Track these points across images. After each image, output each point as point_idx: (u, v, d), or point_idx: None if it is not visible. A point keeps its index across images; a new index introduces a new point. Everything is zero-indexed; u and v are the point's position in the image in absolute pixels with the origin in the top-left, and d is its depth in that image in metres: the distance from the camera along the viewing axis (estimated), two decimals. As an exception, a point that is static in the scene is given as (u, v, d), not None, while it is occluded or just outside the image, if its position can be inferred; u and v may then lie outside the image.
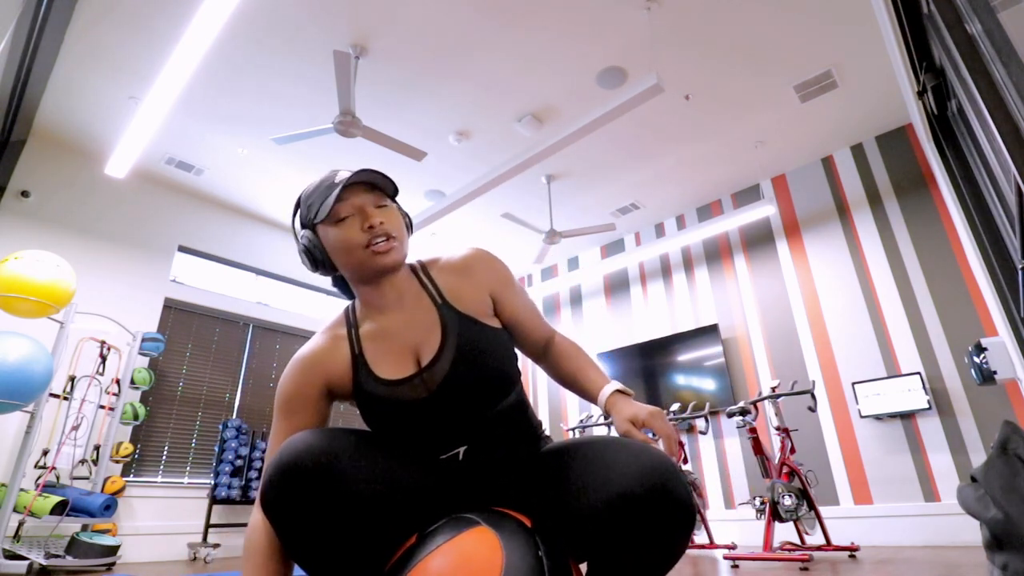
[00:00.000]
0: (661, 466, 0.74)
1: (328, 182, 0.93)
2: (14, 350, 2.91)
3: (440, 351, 0.91)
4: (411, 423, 0.90)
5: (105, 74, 3.86)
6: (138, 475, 4.43)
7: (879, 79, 4.01)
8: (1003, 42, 1.14)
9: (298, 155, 4.80)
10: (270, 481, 0.74)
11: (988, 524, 1.20)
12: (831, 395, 4.37)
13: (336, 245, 0.91)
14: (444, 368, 0.90)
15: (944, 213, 4.15)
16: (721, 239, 5.46)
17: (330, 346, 0.95)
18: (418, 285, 0.98)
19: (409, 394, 0.90)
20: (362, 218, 0.90)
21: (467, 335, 0.93)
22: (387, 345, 0.94)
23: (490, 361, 0.92)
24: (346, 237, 0.89)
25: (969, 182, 2.26)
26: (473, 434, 0.92)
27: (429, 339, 0.93)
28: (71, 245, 4.51)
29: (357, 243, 0.89)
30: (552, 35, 3.60)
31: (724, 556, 3.25)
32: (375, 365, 0.92)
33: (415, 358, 0.92)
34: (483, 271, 1.00)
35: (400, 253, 0.93)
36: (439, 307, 0.95)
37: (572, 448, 0.88)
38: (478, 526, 0.76)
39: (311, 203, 0.93)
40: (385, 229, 0.90)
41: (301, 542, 0.75)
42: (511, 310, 1.01)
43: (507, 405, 0.94)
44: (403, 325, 0.94)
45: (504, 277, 1.02)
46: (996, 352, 2.19)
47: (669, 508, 0.72)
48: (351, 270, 0.92)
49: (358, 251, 0.89)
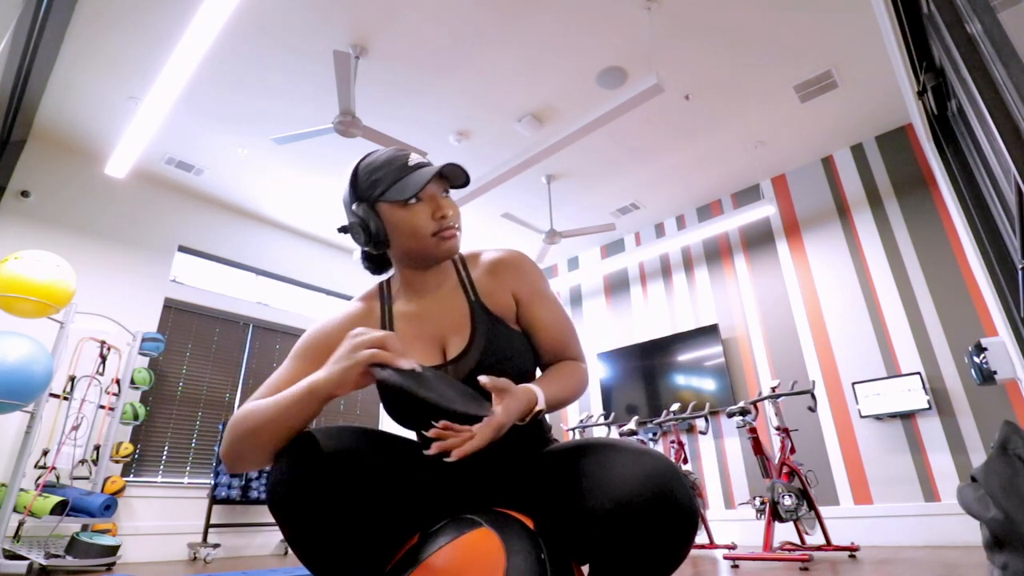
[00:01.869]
0: (664, 470, 0.74)
1: (400, 162, 0.92)
2: (14, 350, 2.91)
3: (468, 347, 0.93)
4: (428, 411, 0.90)
5: (105, 74, 3.86)
6: (138, 475, 4.43)
7: (879, 79, 4.01)
8: (1003, 42, 1.14)
9: (298, 155, 4.80)
10: (278, 481, 0.74)
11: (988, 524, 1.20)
12: (831, 395, 4.37)
13: (403, 227, 0.91)
14: (470, 364, 0.91)
15: (944, 213, 4.15)
16: (721, 239, 5.46)
17: (364, 314, 0.97)
18: (456, 277, 1.00)
19: None
20: (433, 206, 0.91)
21: (495, 336, 0.94)
22: (417, 329, 0.95)
23: (514, 364, 0.93)
24: (416, 222, 0.90)
25: (969, 182, 2.26)
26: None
27: (458, 332, 0.94)
28: (71, 245, 4.51)
29: (426, 230, 0.90)
30: (552, 35, 3.60)
31: (724, 556, 3.25)
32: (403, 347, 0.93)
33: (441, 348, 0.94)
34: (510, 273, 1.00)
35: (459, 242, 0.94)
36: (472, 303, 0.97)
37: (575, 449, 0.88)
38: (481, 527, 0.76)
39: (376, 179, 0.92)
40: (452, 220, 0.92)
41: (308, 540, 0.75)
42: (528, 318, 0.99)
43: None
44: (436, 313, 0.96)
45: (531, 282, 1.00)
46: (996, 352, 2.19)
47: (672, 513, 0.72)
48: (412, 253, 0.93)
49: (425, 237, 0.90)
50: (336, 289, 6.43)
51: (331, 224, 6.03)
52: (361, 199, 0.93)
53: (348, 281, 6.55)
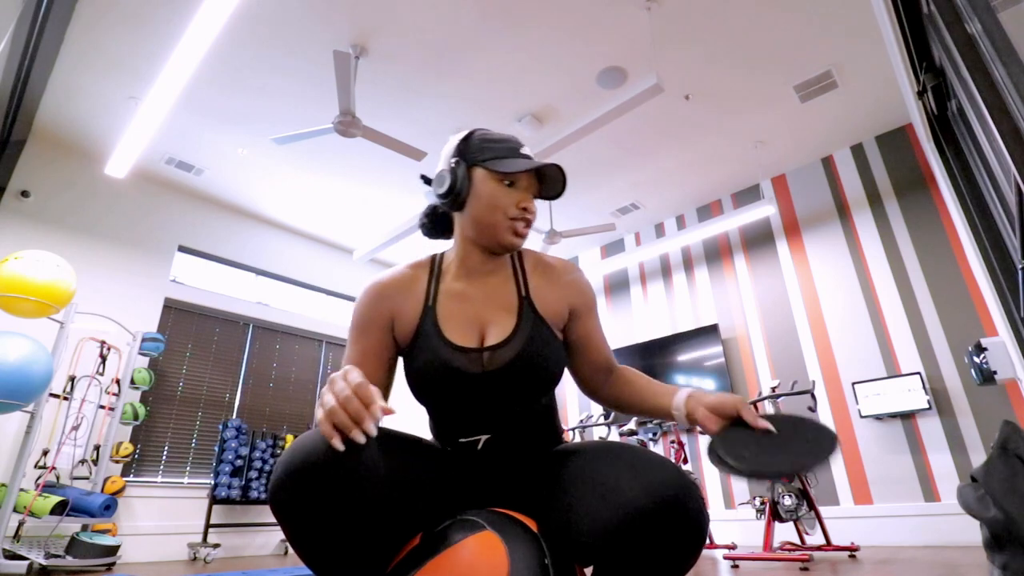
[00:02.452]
0: (675, 479, 0.73)
1: (513, 145, 0.95)
2: (14, 350, 2.91)
3: (508, 339, 0.93)
4: (453, 392, 0.91)
5: (105, 74, 3.86)
6: (138, 475, 4.43)
7: (879, 79, 4.01)
8: (1003, 42, 1.14)
9: (298, 155, 4.80)
10: (279, 482, 0.74)
11: (988, 524, 1.20)
12: (831, 395, 4.37)
13: (486, 198, 0.92)
14: (507, 356, 0.91)
15: (944, 213, 4.15)
16: (721, 239, 5.46)
17: (407, 282, 0.98)
18: (510, 270, 1.00)
19: (465, 364, 0.91)
20: (521, 197, 0.93)
21: (537, 336, 0.94)
22: (460, 308, 0.96)
23: (548, 366, 0.94)
24: (500, 199, 0.92)
25: (969, 182, 2.26)
26: (500, 426, 0.94)
27: (501, 323, 0.94)
28: (71, 245, 4.51)
29: (506, 211, 0.92)
30: (552, 35, 3.60)
31: (724, 556, 3.25)
32: (443, 323, 0.94)
33: (480, 334, 0.94)
34: (572, 286, 1.01)
35: (523, 243, 0.96)
36: (521, 299, 0.97)
37: (584, 453, 0.87)
38: (484, 530, 0.75)
39: (486, 147, 0.94)
40: (531, 220, 0.94)
41: (309, 542, 0.75)
42: (586, 330, 1.02)
43: (539, 406, 0.97)
44: (483, 298, 0.96)
45: (590, 299, 1.03)
46: (996, 352, 2.19)
47: (681, 524, 0.71)
48: (480, 226, 0.94)
49: (501, 217, 0.92)
50: (336, 289, 6.43)
51: (331, 224, 6.03)
52: (463, 157, 0.95)
53: (348, 281, 6.55)
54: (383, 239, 5.27)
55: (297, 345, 5.83)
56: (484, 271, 0.98)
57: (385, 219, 5.86)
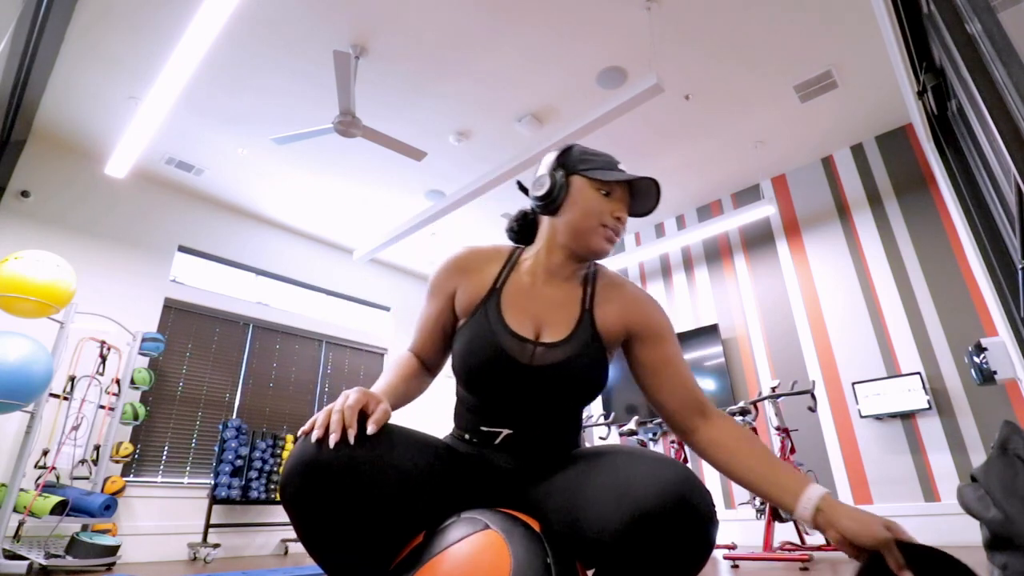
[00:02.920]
0: (685, 479, 0.72)
1: (611, 159, 0.99)
2: (14, 350, 2.91)
3: (561, 343, 0.95)
4: (494, 375, 0.93)
5: (105, 74, 3.86)
6: (138, 475, 4.43)
7: (879, 79, 4.01)
8: (1003, 42, 1.14)
9: (298, 155, 4.80)
10: (289, 476, 0.75)
11: (988, 524, 1.20)
12: (831, 395, 4.37)
13: (582, 204, 0.96)
14: (555, 357, 0.93)
15: (944, 213, 4.15)
16: (721, 239, 5.46)
17: (482, 262, 1.03)
18: (581, 282, 1.03)
19: (514, 350, 0.93)
20: (616, 207, 0.96)
21: (589, 347, 0.96)
22: (524, 301, 0.99)
23: (591, 380, 0.95)
24: (596, 206, 0.95)
25: (969, 182, 2.26)
26: (524, 423, 0.95)
27: (557, 326, 0.97)
28: (71, 245, 4.51)
29: (599, 218, 0.95)
30: (552, 35, 3.60)
31: (724, 556, 3.25)
32: (505, 307, 0.98)
33: (536, 330, 0.97)
34: (634, 305, 1.01)
35: (609, 253, 0.99)
36: (583, 311, 0.99)
37: (592, 455, 0.87)
38: (486, 529, 0.75)
39: (586, 158, 0.99)
40: (621, 230, 0.97)
41: (318, 536, 0.76)
42: (661, 357, 0.99)
43: (566, 415, 0.99)
44: (546, 300, 0.99)
45: (657, 324, 1.01)
46: (996, 352, 2.19)
47: (690, 523, 0.71)
48: (574, 231, 0.97)
49: (596, 223, 0.95)
50: (336, 289, 6.43)
51: (331, 224, 6.03)
52: (563, 166, 0.99)
53: (348, 281, 6.55)
54: (383, 239, 5.27)
55: (297, 345, 5.83)
56: (560, 275, 1.00)
57: (385, 219, 5.86)
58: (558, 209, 0.98)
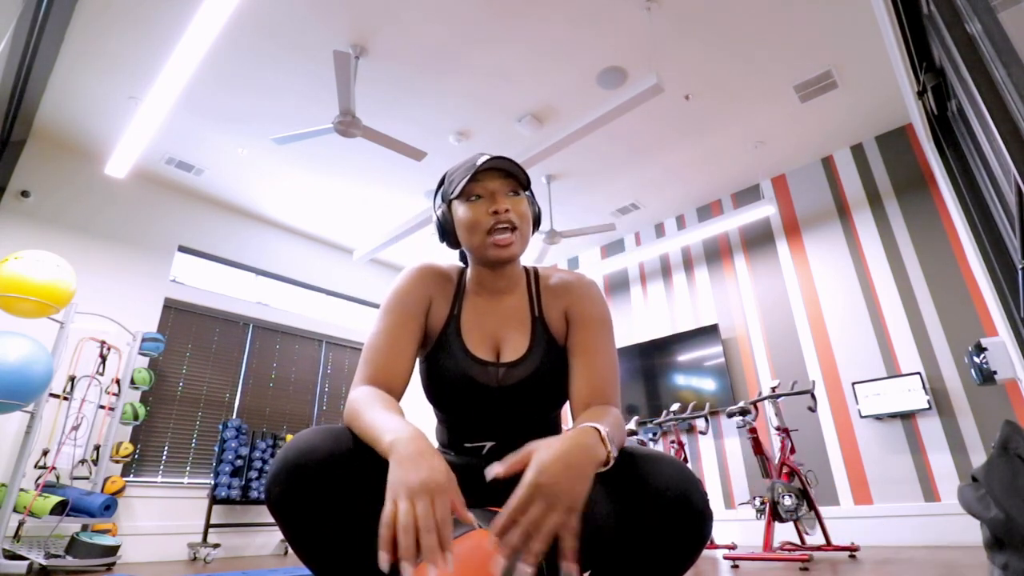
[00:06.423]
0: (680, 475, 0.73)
1: (470, 163, 0.96)
2: (14, 350, 2.91)
3: (522, 359, 0.95)
4: (466, 401, 0.94)
5: (105, 74, 3.86)
6: (138, 475, 4.43)
7: (879, 79, 4.01)
8: (1003, 42, 1.14)
9: (298, 155, 4.80)
10: (275, 479, 0.74)
11: (989, 524, 1.20)
12: (831, 395, 4.37)
13: (463, 222, 0.94)
14: (520, 374, 0.95)
15: (944, 213, 4.15)
16: (721, 239, 5.46)
17: (444, 280, 1.02)
18: (525, 288, 1.02)
19: (480, 376, 0.94)
20: (491, 202, 0.93)
21: (549, 353, 0.96)
22: (480, 322, 0.99)
23: (559, 386, 0.96)
24: (473, 217, 0.93)
25: (969, 182, 2.26)
26: (506, 434, 0.96)
27: (515, 341, 0.97)
28: (71, 245, 4.51)
29: (482, 226, 0.92)
30: (552, 35, 3.60)
31: (724, 556, 3.25)
32: (465, 333, 0.98)
33: (495, 348, 0.97)
34: (569, 294, 1.00)
35: (518, 248, 0.94)
36: (534, 319, 0.99)
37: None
38: (476, 528, 0.75)
39: (452, 179, 0.98)
40: (509, 217, 0.92)
41: (305, 539, 0.76)
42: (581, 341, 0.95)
43: (546, 418, 1.00)
44: (498, 317, 0.99)
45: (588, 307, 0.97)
46: (996, 352, 2.18)
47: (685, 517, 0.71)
48: (470, 250, 0.97)
49: (480, 234, 0.93)
50: (336, 289, 6.43)
51: (331, 224, 6.03)
52: (443, 199, 1.00)
53: (348, 281, 6.55)
54: (383, 239, 5.27)
55: (297, 345, 5.83)
56: (497, 289, 1.00)
57: (385, 219, 5.86)
58: (456, 239, 0.98)
